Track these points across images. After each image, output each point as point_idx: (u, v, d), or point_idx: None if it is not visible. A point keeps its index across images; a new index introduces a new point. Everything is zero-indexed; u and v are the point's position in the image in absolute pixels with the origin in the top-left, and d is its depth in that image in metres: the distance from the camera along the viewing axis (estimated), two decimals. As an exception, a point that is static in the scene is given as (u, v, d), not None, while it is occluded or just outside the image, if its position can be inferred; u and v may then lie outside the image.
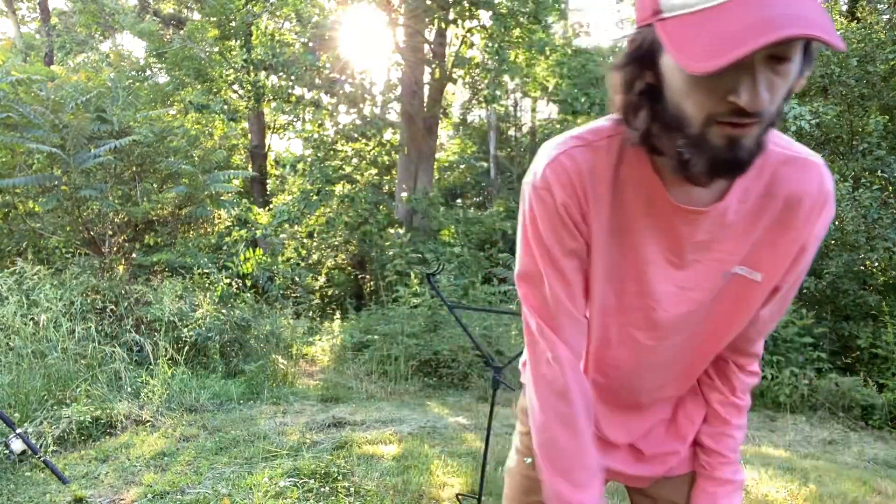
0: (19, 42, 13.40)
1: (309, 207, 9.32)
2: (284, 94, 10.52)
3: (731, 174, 0.72)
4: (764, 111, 0.65)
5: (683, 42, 0.64)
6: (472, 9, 9.31)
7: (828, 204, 0.85)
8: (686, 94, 0.69)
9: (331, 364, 6.63)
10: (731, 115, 0.66)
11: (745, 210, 0.83)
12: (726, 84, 0.65)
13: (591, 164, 0.83)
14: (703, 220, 0.82)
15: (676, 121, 0.71)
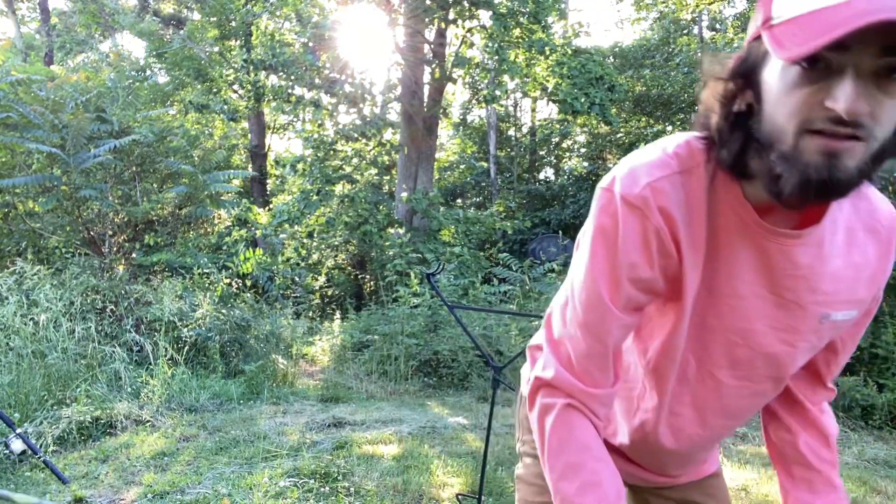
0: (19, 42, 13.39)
1: (309, 207, 9.32)
2: (284, 94, 10.52)
3: (825, 195, 0.66)
4: (865, 124, 0.61)
5: (784, 37, 0.62)
6: (472, 9, 9.31)
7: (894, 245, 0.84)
8: (782, 102, 0.65)
9: (331, 364, 6.63)
10: (825, 122, 0.62)
11: (837, 244, 0.79)
12: (824, 90, 0.62)
13: (687, 192, 0.77)
14: (799, 249, 0.77)
15: (771, 135, 0.67)
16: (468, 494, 2.89)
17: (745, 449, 3.85)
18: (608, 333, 0.81)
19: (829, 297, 0.80)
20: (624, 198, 0.76)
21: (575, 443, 0.82)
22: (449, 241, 9.53)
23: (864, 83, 0.60)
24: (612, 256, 0.78)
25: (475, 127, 16.14)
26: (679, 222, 0.77)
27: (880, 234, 0.82)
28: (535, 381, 0.87)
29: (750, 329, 0.82)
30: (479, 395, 5.40)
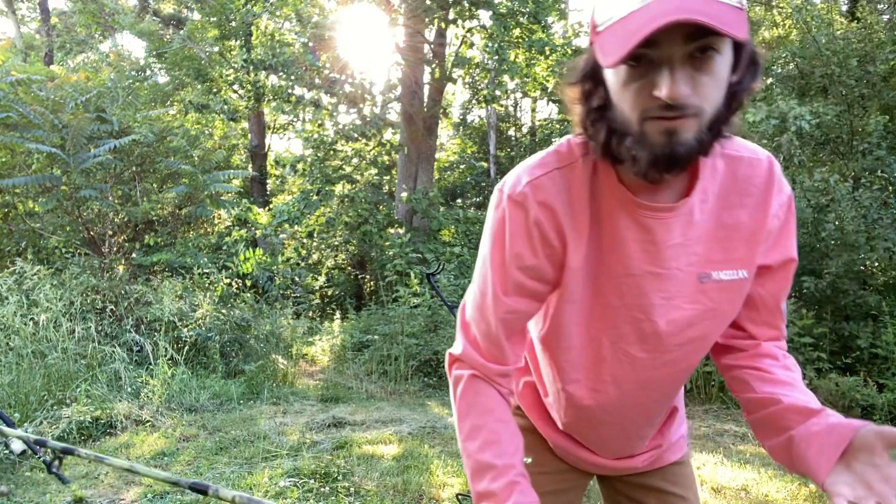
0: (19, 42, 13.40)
1: (309, 207, 9.31)
2: (284, 94, 10.51)
3: (672, 166, 0.75)
4: (688, 104, 0.70)
5: (605, 45, 0.72)
6: (472, 9, 9.30)
7: (775, 185, 0.89)
8: (622, 97, 0.75)
9: (331, 364, 6.63)
10: (658, 109, 0.72)
11: (707, 210, 0.87)
12: (650, 82, 0.71)
13: (569, 183, 0.87)
14: (674, 222, 0.85)
15: (623, 124, 0.77)
16: (468, 494, 2.89)
17: (744, 449, 3.85)
18: (500, 316, 0.91)
19: (703, 257, 0.87)
20: (509, 196, 0.88)
21: (479, 407, 0.93)
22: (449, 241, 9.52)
23: (681, 68, 0.70)
24: (501, 248, 0.90)
25: (475, 127, 16.13)
26: (561, 212, 0.87)
27: (753, 195, 0.88)
28: (449, 357, 0.99)
29: (648, 304, 0.89)
30: (479, 395, 5.40)
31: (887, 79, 7.05)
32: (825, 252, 5.59)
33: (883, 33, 7.08)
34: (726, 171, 0.88)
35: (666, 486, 1.11)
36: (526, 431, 1.16)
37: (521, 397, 1.17)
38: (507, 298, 0.91)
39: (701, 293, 0.89)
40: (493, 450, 0.89)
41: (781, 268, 0.93)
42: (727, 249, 0.88)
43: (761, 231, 0.89)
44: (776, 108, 6.15)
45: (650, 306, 0.89)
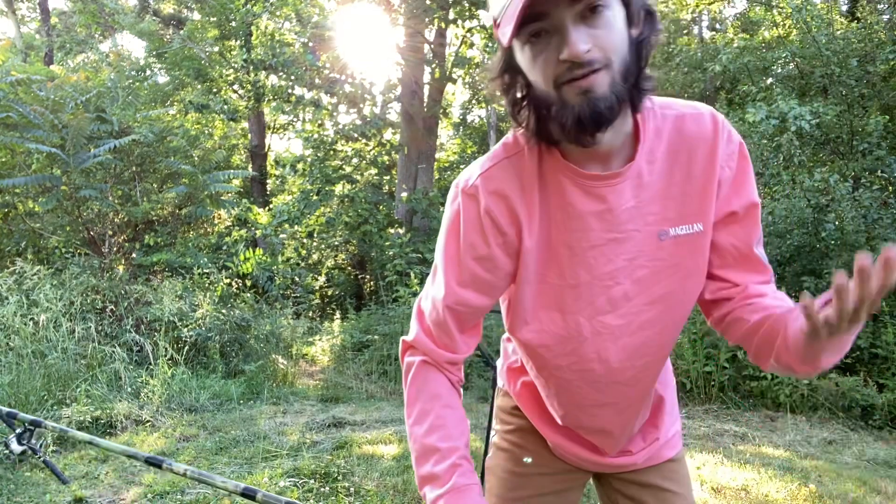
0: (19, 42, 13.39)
1: (309, 207, 9.31)
2: (284, 94, 10.51)
3: (598, 123, 0.78)
4: (593, 58, 0.75)
5: (502, 32, 0.77)
6: (472, 9, 9.30)
7: (722, 133, 0.90)
8: (535, 73, 0.80)
9: (331, 364, 6.63)
10: (568, 72, 0.76)
11: (656, 171, 0.89)
12: (554, 48, 0.76)
13: (519, 171, 0.91)
14: (624, 186, 0.88)
15: (544, 98, 0.82)
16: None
17: (744, 449, 3.85)
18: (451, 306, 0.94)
19: (659, 216, 0.90)
20: (462, 189, 0.93)
21: (427, 393, 0.96)
22: (449, 241, 9.49)
23: (576, 28, 0.74)
24: (456, 240, 0.94)
25: (475, 127, 16.13)
26: (513, 197, 0.91)
27: (700, 149, 0.90)
28: (402, 343, 1.02)
29: (615, 269, 0.92)
30: (479, 395, 5.40)
31: (887, 79, 7.05)
32: (825, 252, 5.60)
33: (883, 33, 7.07)
34: (672, 129, 0.90)
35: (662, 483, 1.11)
36: (525, 432, 1.17)
37: (519, 397, 1.17)
38: (459, 289, 0.94)
39: (661, 250, 0.91)
40: (438, 433, 0.91)
41: (746, 213, 0.93)
42: (681, 205, 0.90)
43: (711, 183, 0.90)
44: (776, 108, 6.15)
45: (616, 271, 0.91)
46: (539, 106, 0.84)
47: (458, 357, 0.98)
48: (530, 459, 1.15)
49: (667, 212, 0.90)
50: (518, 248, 0.93)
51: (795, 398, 4.60)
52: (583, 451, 1.10)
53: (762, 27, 10.99)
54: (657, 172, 0.89)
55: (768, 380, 4.71)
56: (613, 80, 0.77)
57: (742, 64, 7.83)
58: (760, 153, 6.48)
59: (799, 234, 5.71)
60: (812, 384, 4.60)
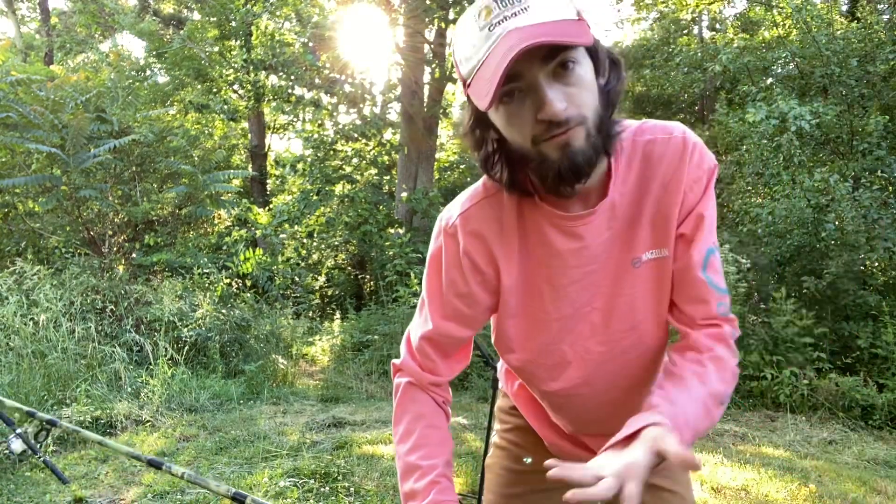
0: (19, 42, 13.40)
1: (309, 207, 9.31)
2: (284, 94, 10.50)
3: (577, 175, 0.81)
4: (570, 116, 0.77)
5: (476, 93, 0.79)
6: (472, 9, 9.29)
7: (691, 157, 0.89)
8: (512, 132, 0.82)
9: (331, 364, 6.63)
10: (547, 130, 0.78)
11: (626, 200, 0.91)
12: (530, 108, 0.78)
13: (498, 212, 0.94)
14: (597, 220, 0.90)
15: (521, 155, 0.84)
16: (468, 494, 2.89)
17: (744, 449, 3.85)
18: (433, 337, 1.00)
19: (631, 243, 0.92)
20: (444, 228, 0.97)
21: (412, 413, 1.00)
22: (449, 241, 9.49)
23: (550, 87, 0.76)
24: (438, 276, 0.98)
25: (475, 127, 16.10)
26: (490, 238, 0.94)
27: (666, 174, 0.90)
28: (392, 366, 1.07)
29: (591, 296, 0.94)
30: (479, 395, 5.40)
31: (887, 79, 7.04)
32: (825, 252, 5.60)
33: (883, 33, 7.07)
34: (641, 157, 0.91)
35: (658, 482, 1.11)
36: (522, 431, 1.19)
37: (516, 397, 1.19)
38: (442, 322, 0.99)
39: (636, 277, 0.93)
40: (420, 452, 0.96)
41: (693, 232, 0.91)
42: (651, 230, 0.92)
43: (674, 206, 0.90)
44: (776, 108, 6.15)
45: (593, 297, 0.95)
46: (514, 160, 0.86)
47: (442, 380, 1.03)
48: (530, 459, 1.16)
49: (638, 238, 0.92)
50: (496, 287, 0.97)
51: (795, 398, 4.60)
52: (577, 449, 1.12)
53: (762, 27, 10.98)
54: (628, 201, 0.91)
55: (768, 380, 4.71)
56: (589, 134, 0.79)
57: (742, 64, 7.83)
58: (760, 153, 6.48)
59: (799, 234, 5.71)
60: (812, 384, 4.60)
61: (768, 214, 5.98)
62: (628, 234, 0.92)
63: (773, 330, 4.88)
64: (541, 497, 1.17)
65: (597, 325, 0.96)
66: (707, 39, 12.65)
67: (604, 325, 0.95)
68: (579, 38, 0.74)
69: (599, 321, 0.95)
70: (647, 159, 0.91)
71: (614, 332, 0.96)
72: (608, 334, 0.96)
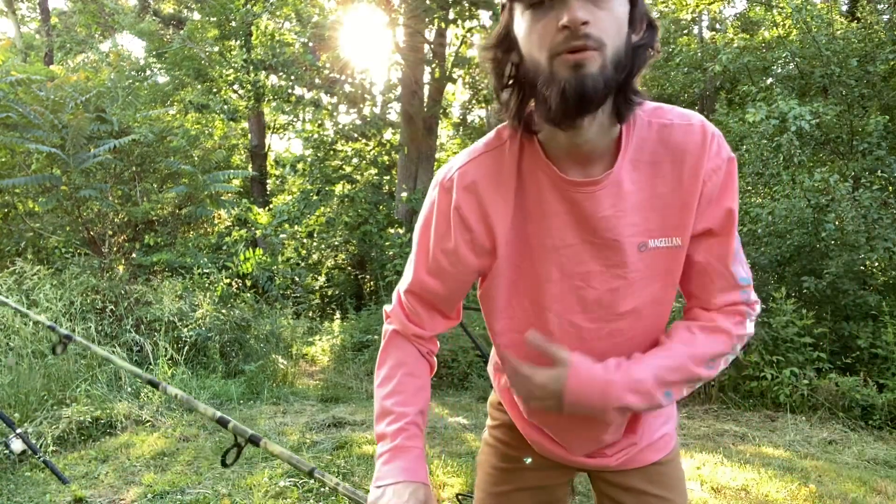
0: (19, 42, 13.40)
1: (309, 207, 9.31)
2: (284, 94, 10.50)
3: (582, 101, 0.77)
4: (589, 33, 0.75)
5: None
6: (472, 9, 9.30)
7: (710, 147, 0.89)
8: (531, 40, 0.80)
9: (331, 364, 6.63)
10: (564, 42, 0.76)
11: (638, 180, 0.89)
12: (555, 17, 0.77)
13: (497, 167, 0.93)
14: (602, 194, 0.88)
15: (533, 72, 0.81)
16: (468, 494, 2.89)
17: (744, 449, 3.85)
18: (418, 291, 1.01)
19: (639, 227, 0.90)
20: (440, 183, 0.96)
21: (394, 360, 1.03)
22: (449, 241, 9.48)
23: (581, 2, 0.75)
24: (428, 230, 0.98)
25: (475, 127, 16.12)
26: (485, 194, 0.93)
27: (685, 162, 0.89)
28: (384, 313, 1.09)
29: (588, 271, 0.93)
30: (479, 395, 5.40)
31: (887, 79, 7.04)
32: (825, 252, 5.59)
33: (883, 33, 7.07)
34: (657, 139, 0.89)
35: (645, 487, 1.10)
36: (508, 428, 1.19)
37: (502, 392, 1.18)
38: (426, 277, 0.99)
39: (639, 261, 0.92)
40: (395, 398, 0.98)
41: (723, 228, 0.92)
42: (662, 217, 0.90)
43: (693, 196, 0.89)
44: (776, 108, 6.15)
45: (589, 273, 0.93)
46: (525, 84, 0.84)
47: (425, 333, 1.04)
48: (530, 459, 1.16)
49: (647, 223, 0.90)
50: (487, 246, 0.95)
51: (795, 398, 4.60)
52: (555, 447, 1.11)
53: (762, 27, 10.98)
54: (638, 182, 0.89)
55: (768, 380, 4.71)
56: (605, 65, 0.77)
57: (742, 64, 7.83)
58: (760, 153, 6.47)
59: (799, 234, 5.71)
60: (812, 384, 4.60)
61: (768, 214, 5.97)
62: (637, 216, 0.90)
63: (773, 330, 4.88)
64: (529, 494, 1.17)
65: (588, 300, 0.94)
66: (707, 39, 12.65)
67: (596, 303, 0.94)
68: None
69: (592, 297, 0.94)
70: (663, 142, 0.89)
71: (607, 313, 0.95)
72: (600, 313, 0.95)
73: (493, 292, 0.99)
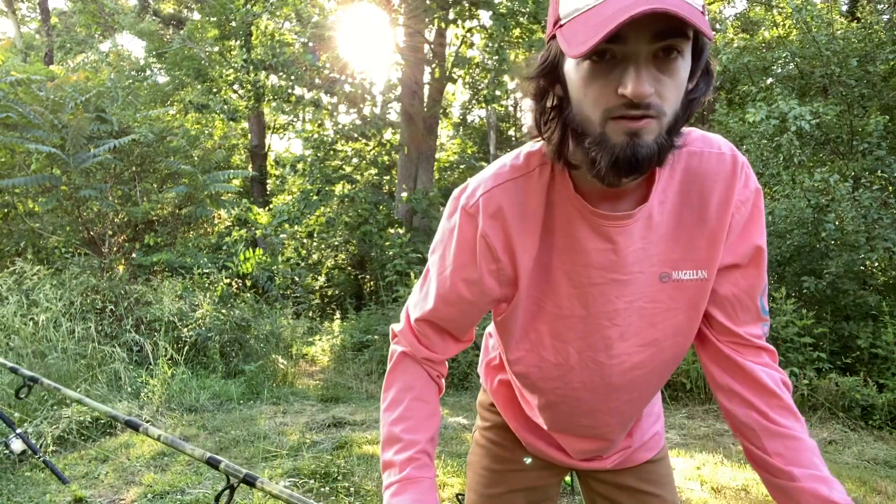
0: (19, 42, 13.40)
1: (309, 207, 9.31)
2: (284, 94, 10.50)
3: (634, 170, 0.73)
4: (653, 104, 0.69)
5: (571, 36, 0.70)
6: (472, 9, 9.30)
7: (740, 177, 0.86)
8: (585, 94, 0.73)
9: (331, 364, 6.63)
10: (623, 108, 0.70)
11: (666, 211, 0.86)
12: (615, 79, 0.70)
13: (524, 196, 0.87)
14: (633, 227, 0.84)
15: (582, 124, 0.75)
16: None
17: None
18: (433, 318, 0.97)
19: (662, 257, 0.87)
20: (463, 207, 0.90)
21: (402, 383, 0.99)
22: (449, 241, 9.48)
23: (646, 68, 0.68)
24: (447, 255, 0.93)
25: (475, 127, 16.13)
26: (512, 224, 0.87)
27: (714, 192, 0.85)
28: (391, 331, 1.06)
29: (613, 310, 0.89)
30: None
31: (887, 79, 7.04)
32: (825, 252, 5.59)
33: (883, 33, 7.07)
34: (685, 168, 0.86)
35: (640, 485, 1.12)
36: (500, 429, 1.19)
37: (495, 394, 1.18)
38: (443, 306, 0.95)
39: (661, 292, 0.89)
40: (403, 424, 0.94)
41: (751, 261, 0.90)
42: (687, 249, 0.87)
43: (722, 229, 0.86)
44: (776, 108, 6.15)
45: (615, 312, 0.89)
46: (571, 126, 0.78)
47: (437, 357, 1.00)
48: (530, 460, 1.16)
49: (671, 253, 0.87)
50: (511, 276, 0.91)
51: (795, 398, 4.59)
52: (552, 450, 1.11)
53: (762, 27, 10.98)
54: (667, 212, 0.86)
55: (768, 380, 4.71)
56: (661, 132, 0.72)
57: (742, 64, 7.83)
58: (760, 153, 6.47)
59: (799, 234, 5.71)
60: (812, 384, 4.60)
61: (768, 214, 5.97)
62: (662, 246, 0.87)
63: (772, 330, 4.88)
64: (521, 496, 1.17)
65: (612, 338, 0.91)
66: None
67: (619, 338, 0.91)
68: (703, 26, 0.66)
69: (616, 335, 0.91)
70: (691, 172, 0.86)
71: (628, 346, 0.92)
72: (622, 347, 0.92)
73: (511, 322, 0.96)
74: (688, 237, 0.87)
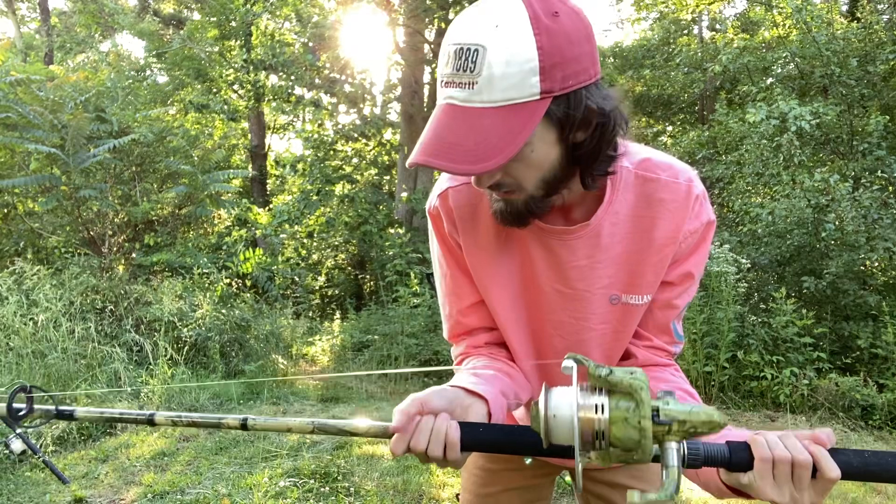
0: (19, 42, 13.40)
1: (309, 207, 9.31)
2: (284, 94, 10.51)
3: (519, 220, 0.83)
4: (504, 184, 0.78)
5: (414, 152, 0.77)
6: (472, 9, 9.29)
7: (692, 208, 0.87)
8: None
9: (331, 364, 6.63)
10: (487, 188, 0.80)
11: (616, 233, 0.88)
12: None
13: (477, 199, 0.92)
14: (577, 244, 0.88)
15: None
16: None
17: (745, 449, 3.85)
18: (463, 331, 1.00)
19: (614, 279, 0.90)
20: (428, 211, 0.98)
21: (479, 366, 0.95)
22: (449, 241, 9.49)
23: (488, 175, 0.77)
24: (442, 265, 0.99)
25: (475, 127, 16.09)
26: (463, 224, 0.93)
27: (664, 219, 0.87)
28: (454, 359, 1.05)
29: (559, 321, 0.93)
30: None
31: (887, 79, 7.04)
32: (825, 252, 5.59)
33: (883, 33, 7.07)
34: (640, 193, 0.87)
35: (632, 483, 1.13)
36: None
37: None
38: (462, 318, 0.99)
39: (610, 313, 0.92)
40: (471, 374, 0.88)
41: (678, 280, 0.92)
42: (636, 274, 0.89)
43: (668, 258, 0.89)
44: (776, 108, 6.15)
45: (560, 323, 0.93)
46: None
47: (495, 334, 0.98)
48: (530, 460, 1.16)
49: (621, 276, 0.90)
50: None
51: (795, 398, 4.59)
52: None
53: (762, 27, 10.98)
54: (619, 235, 0.88)
55: (768, 380, 4.70)
56: (526, 198, 0.80)
57: (742, 64, 7.83)
58: (760, 153, 6.48)
59: (799, 234, 5.71)
60: (812, 384, 4.60)
61: (768, 214, 5.97)
62: (612, 269, 0.89)
63: (773, 330, 4.88)
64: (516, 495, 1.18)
65: (559, 350, 0.95)
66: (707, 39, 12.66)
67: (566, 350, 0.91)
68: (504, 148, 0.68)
69: (562, 347, 0.95)
70: (646, 197, 0.87)
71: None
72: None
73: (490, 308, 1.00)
74: (637, 262, 0.89)
